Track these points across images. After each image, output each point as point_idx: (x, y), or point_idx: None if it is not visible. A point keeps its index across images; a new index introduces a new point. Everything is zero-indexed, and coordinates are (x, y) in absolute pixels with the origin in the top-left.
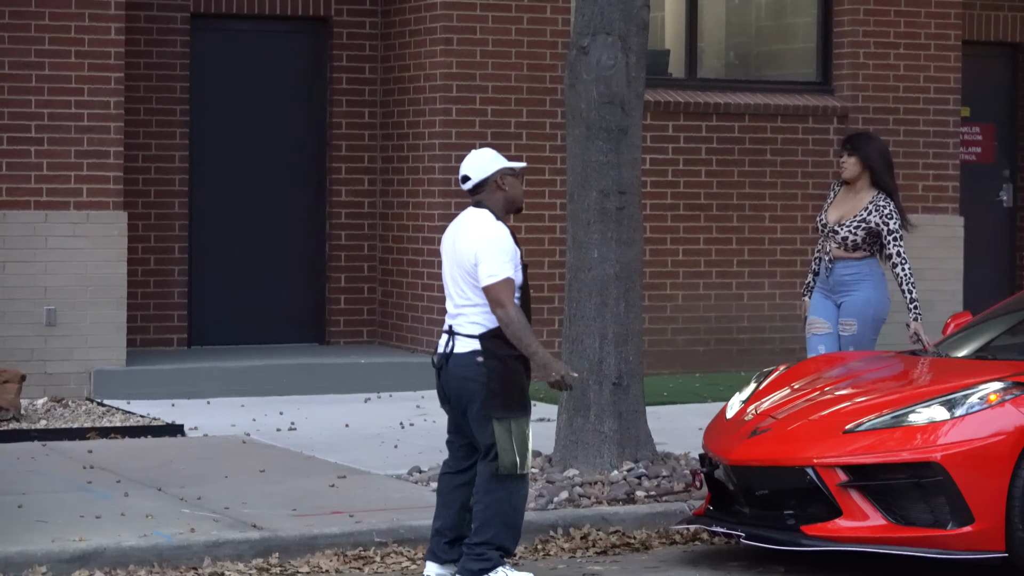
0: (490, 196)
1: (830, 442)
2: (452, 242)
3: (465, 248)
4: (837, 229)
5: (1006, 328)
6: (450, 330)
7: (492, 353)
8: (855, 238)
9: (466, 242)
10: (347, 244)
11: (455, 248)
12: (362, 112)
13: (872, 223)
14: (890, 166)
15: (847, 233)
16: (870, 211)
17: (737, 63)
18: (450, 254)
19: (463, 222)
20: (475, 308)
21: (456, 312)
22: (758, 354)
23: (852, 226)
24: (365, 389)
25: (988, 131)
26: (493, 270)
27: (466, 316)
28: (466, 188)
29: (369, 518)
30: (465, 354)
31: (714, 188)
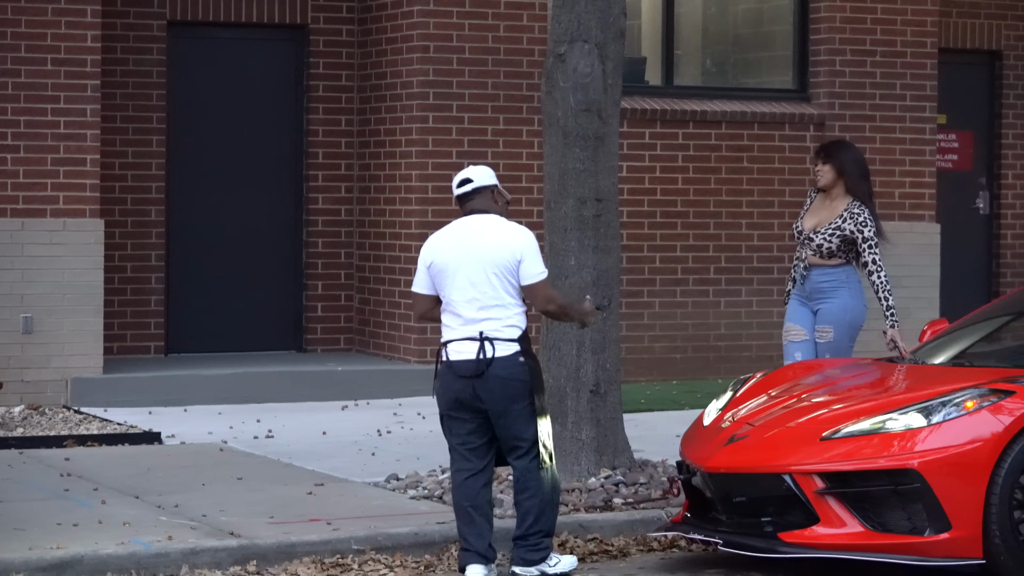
0: (490, 204)
1: (807, 449)
2: (475, 245)
3: (502, 247)
4: (812, 236)
5: (983, 335)
6: (482, 336)
7: (529, 353)
8: (830, 245)
9: (501, 242)
10: (324, 251)
11: (483, 248)
12: (339, 119)
13: (847, 231)
14: (865, 173)
15: (822, 240)
16: (845, 219)
17: (714, 71)
18: (474, 256)
19: (482, 225)
20: (507, 309)
21: (483, 316)
22: (735, 361)
23: (827, 233)
24: (342, 397)
25: (965, 139)
26: (540, 267)
27: (500, 320)
28: (464, 191)
29: (347, 525)
30: (508, 356)
31: (691, 195)
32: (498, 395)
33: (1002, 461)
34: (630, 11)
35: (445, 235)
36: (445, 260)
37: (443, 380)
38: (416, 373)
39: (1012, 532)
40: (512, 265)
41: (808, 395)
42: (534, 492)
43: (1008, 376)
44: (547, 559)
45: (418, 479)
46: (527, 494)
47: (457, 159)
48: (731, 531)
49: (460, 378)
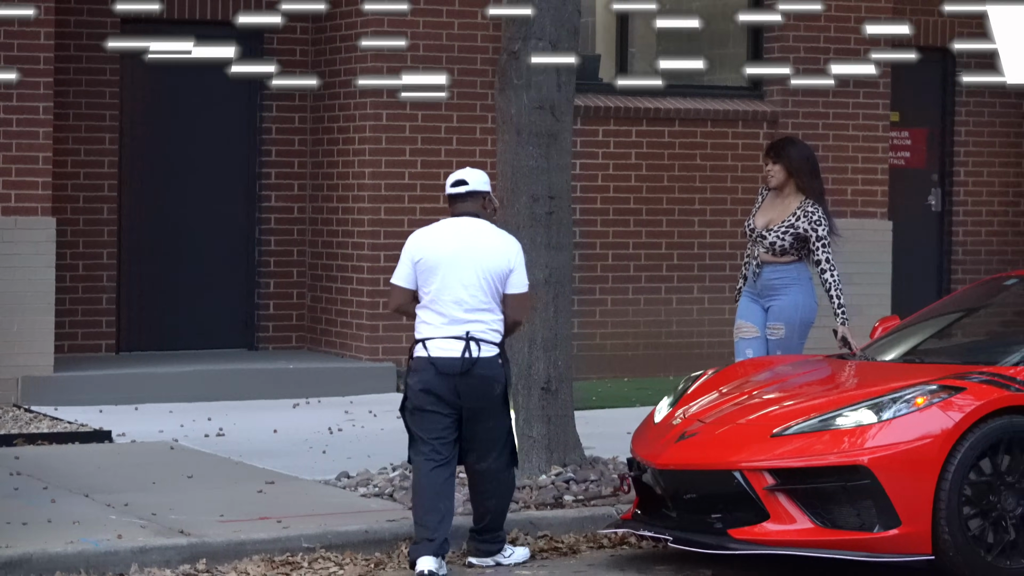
0: (479, 209)
1: (758, 446)
2: (470, 247)
3: (497, 255)
4: (765, 234)
5: (934, 332)
6: (467, 336)
7: (505, 357)
8: (783, 243)
9: (497, 249)
10: (277, 249)
11: (479, 253)
12: (292, 117)
13: (800, 229)
14: (816, 171)
15: (775, 238)
16: (798, 216)
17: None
18: (469, 259)
19: (477, 229)
20: (492, 314)
21: (470, 318)
22: (687, 358)
23: (780, 232)
24: (294, 395)
25: (918, 136)
26: (525, 280)
27: (485, 323)
28: (457, 192)
29: (297, 524)
30: (491, 358)
31: (644, 193)
32: (478, 394)
33: (952, 457)
34: (584, 8)
35: (437, 232)
36: (437, 258)
37: (422, 376)
38: (368, 371)
39: (961, 528)
40: (504, 273)
41: (759, 392)
42: (493, 494)
43: (958, 372)
44: (502, 550)
45: (369, 477)
46: (487, 495)
47: (410, 156)
48: (681, 528)
49: (442, 375)
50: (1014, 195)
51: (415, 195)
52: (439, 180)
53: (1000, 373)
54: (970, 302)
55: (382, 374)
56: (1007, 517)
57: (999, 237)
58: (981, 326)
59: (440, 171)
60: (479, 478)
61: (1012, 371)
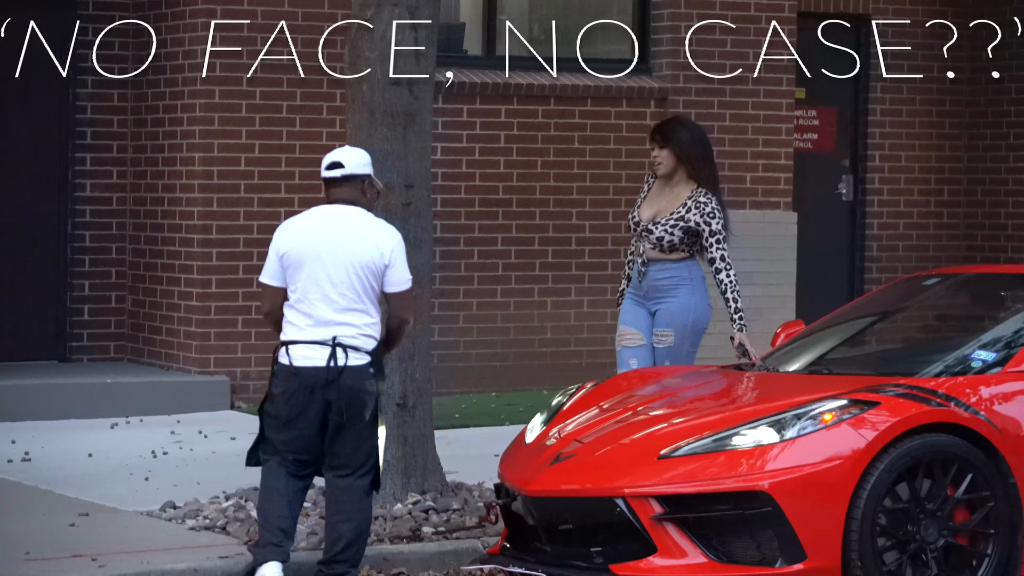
0: (358, 196)
1: (643, 469)
2: (340, 240)
3: (370, 247)
4: (651, 228)
5: (844, 339)
6: (334, 341)
7: (380, 366)
8: (672, 238)
9: (370, 241)
10: (92, 246)
11: (350, 246)
12: (111, 94)
13: (691, 222)
14: (709, 156)
15: (663, 232)
16: (689, 208)
17: (542, 39)
18: (338, 252)
19: (349, 219)
20: (365, 316)
21: (339, 320)
22: (563, 370)
23: (668, 225)
24: (112, 413)
25: (826, 116)
26: (407, 275)
27: (355, 327)
28: (331, 175)
29: (116, 562)
30: (361, 367)
31: (514, 181)
32: (344, 406)
33: (864, 482)
34: None
35: (305, 222)
36: (303, 251)
37: (284, 386)
38: (197, 385)
39: (875, 562)
40: (378, 268)
41: (645, 408)
42: (351, 515)
43: (871, 385)
44: None
45: (198, 507)
46: (343, 516)
47: (247, 140)
48: (556, 563)
49: (305, 387)
50: (936, 183)
51: (252, 184)
52: (280, 167)
53: (919, 386)
54: (885, 305)
55: (214, 389)
56: (927, 549)
57: (919, 231)
58: (898, 332)
59: (282, 156)
60: (338, 495)
61: (932, 383)
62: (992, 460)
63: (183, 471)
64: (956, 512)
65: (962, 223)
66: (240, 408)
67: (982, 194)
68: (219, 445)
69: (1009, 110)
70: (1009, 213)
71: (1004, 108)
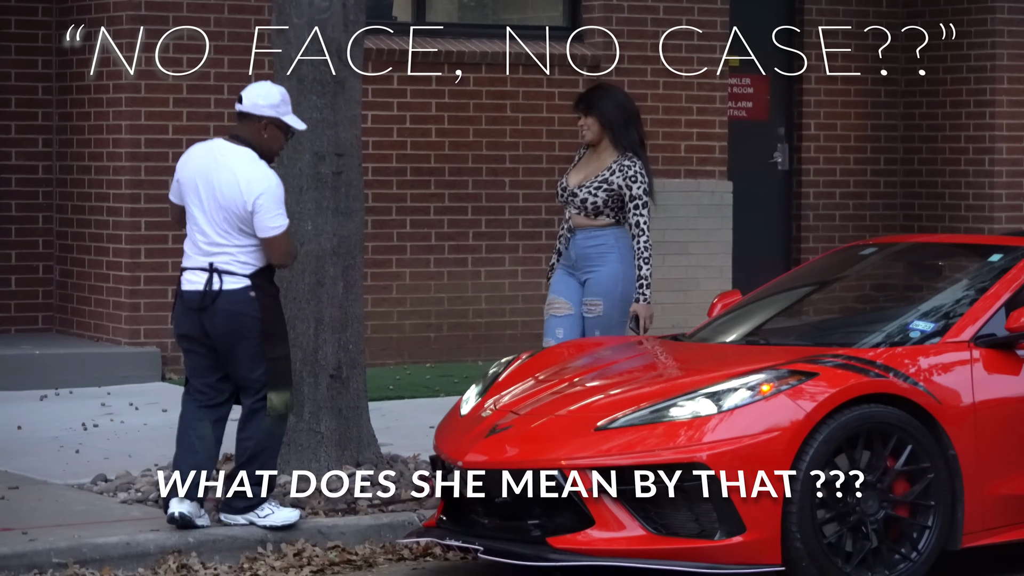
0: (255, 136)
1: (580, 441)
2: (214, 177)
3: (235, 192)
4: (576, 191)
5: (781, 309)
6: (211, 267)
7: (264, 291)
8: (595, 200)
9: (236, 186)
10: (18, 216)
11: (217, 185)
12: (35, 60)
13: (615, 185)
14: (634, 120)
15: (586, 195)
16: (613, 171)
17: (472, 5)
18: (207, 188)
19: (224, 156)
20: (241, 248)
21: (215, 251)
22: (498, 341)
23: (592, 187)
24: (41, 385)
25: (760, 83)
26: (278, 221)
27: (231, 255)
28: (236, 109)
29: (46, 535)
30: (238, 290)
31: (446, 150)
32: (223, 331)
33: (803, 453)
34: None
35: (196, 153)
36: (188, 181)
37: (176, 311)
38: (128, 357)
39: (815, 534)
40: (243, 214)
41: (581, 379)
42: (250, 434)
43: (809, 355)
44: (257, 508)
45: (130, 480)
46: (244, 434)
47: (174, 107)
48: (493, 536)
49: (188, 310)
50: (872, 151)
51: (180, 152)
52: (208, 135)
53: (857, 356)
54: (823, 274)
55: (144, 360)
56: (867, 522)
57: (855, 200)
58: (835, 302)
59: (210, 124)
60: (242, 416)
61: (871, 353)
62: (931, 431)
63: (114, 443)
64: (896, 484)
65: (899, 192)
66: (171, 380)
67: (919, 163)
68: (150, 417)
69: (945, 78)
70: (946, 182)
71: (940, 76)
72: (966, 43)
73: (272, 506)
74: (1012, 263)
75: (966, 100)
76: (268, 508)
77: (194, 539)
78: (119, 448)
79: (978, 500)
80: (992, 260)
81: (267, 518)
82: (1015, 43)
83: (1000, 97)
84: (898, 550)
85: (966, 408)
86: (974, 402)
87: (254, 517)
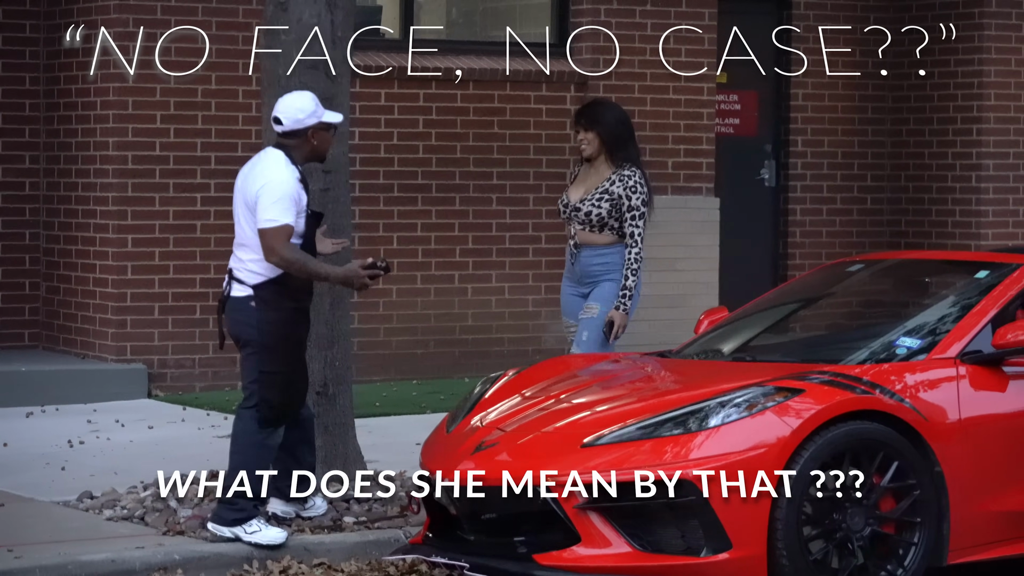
0: (301, 146)
1: (567, 458)
2: (243, 178)
3: (249, 184)
4: (579, 205)
5: (768, 325)
6: (230, 272)
7: (269, 304)
8: (599, 211)
9: (251, 178)
10: (5, 232)
11: (244, 184)
12: (23, 77)
13: (615, 194)
14: (633, 135)
15: (590, 207)
16: (613, 181)
17: (460, 21)
18: (240, 188)
19: (256, 160)
20: (251, 251)
21: (237, 253)
22: (485, 357)
23: (594, 199)
24: (27, 402)
25: (748, 99)
26: (272, 215)
27: (242, 261)
28: (277, 131)
29: (32, 553)
30: (240, 299)
31: (433, 166)
32: (232, 334)
33: (789, 470)
34: None
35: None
36: (235, 188)
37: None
38: (114, 374)
39: (801, 551)
40: (252, 204)
41: (568, 395)
42: (232, 442)
43: (796, 372)
44: (245, 523)
45: (116, 497)
46: (233, 441)
47: (162, 124)
48: (480, 553)
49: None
50: (859, 168)
51: (168, 169)
52: (195, 151)
53: (844, 373)
54: (809, 291)
55: (131, 377)
56: (853, 539)
57: (842, 216)
58: (822, 319)
59: (197, 140)
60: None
61: (857, 370)
62: (918, 448)
63: (100, 460)
64: (882, 500)
65: (886, 209)
66: (158, 397)
67: (905, 179)
68: (136, 434)
69: (932, 95)
70: (933, 199)
71: (927, 93)
72: (953, 59)
73: (260, 523)
74: (999, 280)
75: (953, 117)
76: (256, 524)
77: (180, 556)
78: (105, 465)
79: (965, 517)
80: (979, 277)
81: (254, 535)
82: (1002, 59)
83: (987, 114)
84: (884, 567)
85: (952, 425)
86: (960, 419)
87: (241, 532)
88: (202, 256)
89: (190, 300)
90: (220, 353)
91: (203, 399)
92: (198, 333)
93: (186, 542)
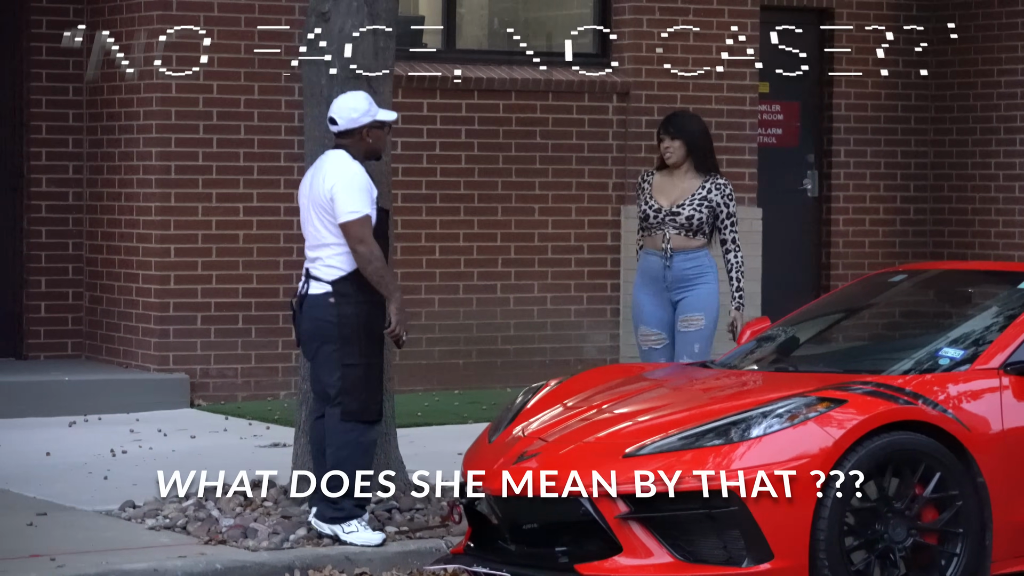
0: (357, 144)
1: (608, 467)
2: (309, 183)
3: (320, 183)
4: (678, 210)
5: (810, 336)
6: (307, 273)
7: (348, 297)
8: (700, 216)
9: (322, 177)
10: (48, 242)
11: (311, 188)
12: (66, 88)
13: (713, 202)
14: (712, 146)
15: (691, 211)
16: (709, 189)
17: (502, 32)
18: (306, 194)
19: (320, 162)
20: (330, 249)
21: (312, 255)
22: (526, 367)
23: (695, 204)
24: (70, 411)
25: (790, 110)
26: (352, 206)
27: (322, 259)
28: (333, 131)
29: (74, 562)
30: (318, 295)
31: (476, 176)
32: (307, 335)
33: (831, 480)
34: None
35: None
36: (299, 198)
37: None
38: (156, 383)
39: (843, 561)
40: (326, 202)
41: (609, 406)
42: (330, 442)
43: (838, 383)
44: (344, 522)
45: (158, 507)
46: (328, 441)
47: (205, 134)
48: (521, 563)
49: (296, 314)
50: (902, 178)
51: (210, 179)
52: (238, 161)
53: (886, 383)
54: (852, 301)
55: (173, 387)
56: (895, 549)
57: (885, 227)
58: (865, 329)
59: (240, 151)
60: (326, 423)
61: (900, 380)
62: (960, 459)
63: (142, 469)
64: (924, 511)
65: (929, 219)
66: (199, 406)
67: (948, 189)
68: (178, 443)
69: (975, 104)
70: (976, 209)
71: (970, 103)
72: (996, 70)
73: (360, 523)
74: None
75: (996, 127)
76: (355, 525)
77: (221, 565)
78: (146, 474)
79: (1007, 527)
80: (1022, 287)
81: (351, 535)
82: None
83: None
84: None
85: (995, 435)
86: (1003, 429)
87: (339, 531)
88: (244, 266)
89: (232, 310)
90: (262, 363)
91: (245, 409)
92: (240, 343)
93: (227, 551)
